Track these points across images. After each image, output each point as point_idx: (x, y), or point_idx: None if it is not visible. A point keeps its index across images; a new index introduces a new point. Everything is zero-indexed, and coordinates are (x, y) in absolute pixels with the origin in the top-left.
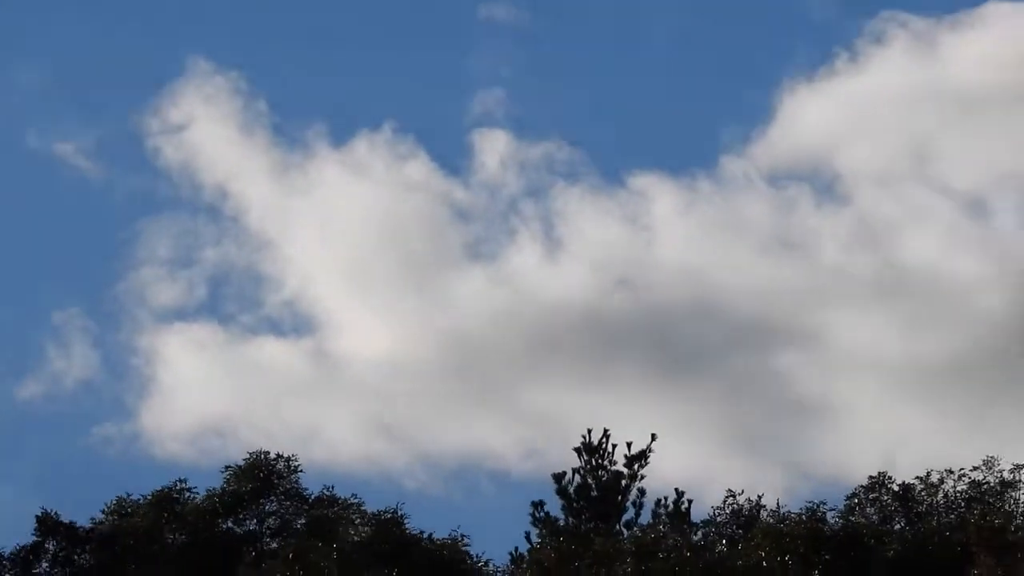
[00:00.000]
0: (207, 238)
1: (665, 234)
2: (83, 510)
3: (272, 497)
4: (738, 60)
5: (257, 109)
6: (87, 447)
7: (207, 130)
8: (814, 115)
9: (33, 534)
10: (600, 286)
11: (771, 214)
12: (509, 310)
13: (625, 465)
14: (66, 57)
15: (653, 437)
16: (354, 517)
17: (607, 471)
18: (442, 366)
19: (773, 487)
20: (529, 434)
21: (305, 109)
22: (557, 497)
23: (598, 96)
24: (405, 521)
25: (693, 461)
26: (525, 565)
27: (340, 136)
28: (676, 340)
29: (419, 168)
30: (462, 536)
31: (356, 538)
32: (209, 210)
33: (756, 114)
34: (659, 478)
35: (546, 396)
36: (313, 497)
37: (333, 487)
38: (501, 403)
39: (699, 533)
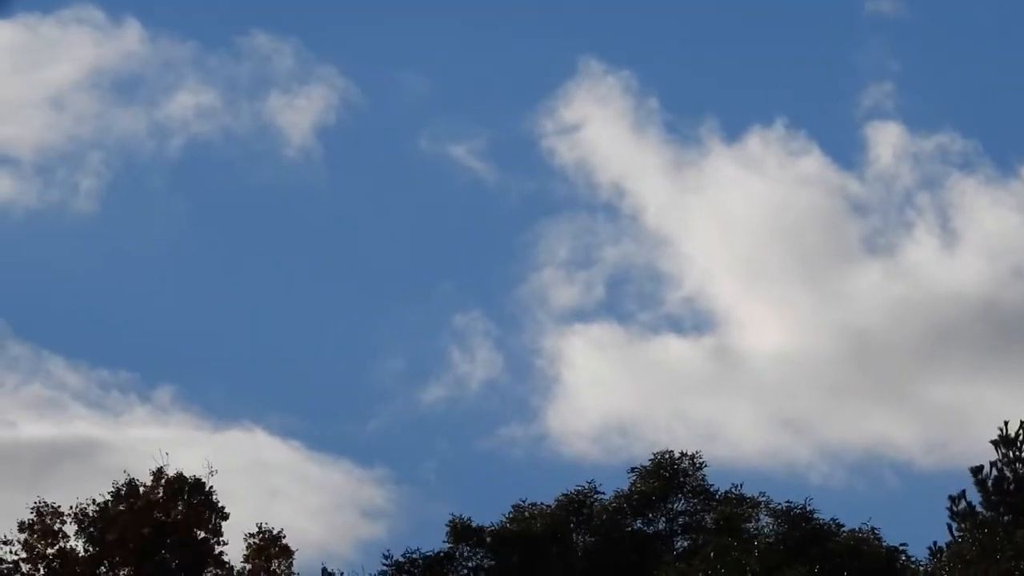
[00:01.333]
0: (605, 237)
1: None
2: (490, 510)
3: (679, 496)
4: None
5: (649, 107)
6: (492, 448)
7: (600, 130)
8: None
9: (445, 541)
10: (997, 277)
11: None
12: (906, 303)
13: None
14: (457, 62)
15: None
16: (762, 513)
17: None
18: (840, 360)
19: None
20: (931, 426)
21: (696, 106)
22: (975, 490)
23: (987, 86)
24: (815, 515)
25: None
26: (944, 558)
27: (732, 132)
28: None
29: (812, 163)
30: (872, 529)
31: (767, 534)
32: (606, 209)
33: None
34: None
35: (945, 388)
36: (720, 494)
37: (742, 484)
38: (900, 396)
39: None
